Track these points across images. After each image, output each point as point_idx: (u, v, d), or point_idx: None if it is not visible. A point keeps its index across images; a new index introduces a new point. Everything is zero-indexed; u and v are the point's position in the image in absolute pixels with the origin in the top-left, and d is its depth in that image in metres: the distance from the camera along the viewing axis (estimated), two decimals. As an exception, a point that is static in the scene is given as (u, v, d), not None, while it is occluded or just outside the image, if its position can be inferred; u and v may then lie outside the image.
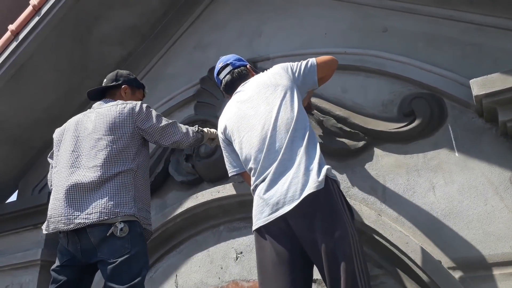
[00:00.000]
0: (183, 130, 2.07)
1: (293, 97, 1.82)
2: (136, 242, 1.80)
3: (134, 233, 1.80)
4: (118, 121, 1.96)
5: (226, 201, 2.49)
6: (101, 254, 1.77)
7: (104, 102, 2.12)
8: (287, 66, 1.94)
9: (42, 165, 3.44)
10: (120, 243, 1.76)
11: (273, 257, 1.62)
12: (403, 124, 2.14)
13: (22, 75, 3.04)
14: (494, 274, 1.80)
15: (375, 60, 2.34)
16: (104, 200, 1.79)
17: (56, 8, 2.87)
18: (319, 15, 2.66)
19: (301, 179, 1.61)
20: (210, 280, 2.44)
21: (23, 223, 3.06)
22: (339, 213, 1.58)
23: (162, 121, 2.03)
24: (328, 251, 1.51)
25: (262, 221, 1.67)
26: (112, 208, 1.78)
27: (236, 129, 1.89)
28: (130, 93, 2.22)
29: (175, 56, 3.17)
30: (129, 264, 1.75)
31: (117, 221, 1.77)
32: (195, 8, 3.18)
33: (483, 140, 2.00)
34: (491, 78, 1.88)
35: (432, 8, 2.32)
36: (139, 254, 1.79)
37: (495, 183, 1.91)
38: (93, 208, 1.78)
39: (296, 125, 1.73)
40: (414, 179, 2.08)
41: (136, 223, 1.84)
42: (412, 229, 2.00)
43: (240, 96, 1.97)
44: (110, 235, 1.75)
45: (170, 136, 2.02)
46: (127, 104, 2.02)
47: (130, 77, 2.26)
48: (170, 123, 2.05)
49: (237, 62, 2.11)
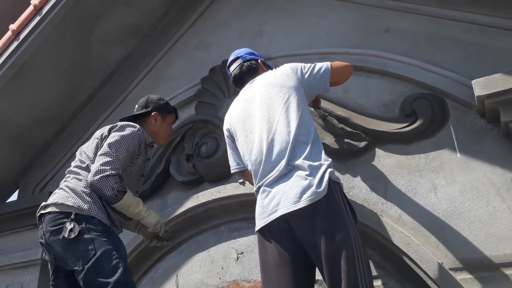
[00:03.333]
0: (104, 181, 1.81)
1: (298, 100, 1.79)
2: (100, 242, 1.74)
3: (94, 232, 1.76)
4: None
5: (227, 201, 2.48)
6: (69, 262, 1.75)
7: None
8: (297, 67, 1.90)
9: (43, 164, 3.45)
10: (83, 248, 1.72)
11: (276, 258, 1.62)
12: (404, 124, 2.14)
13: (23, 75, 3.03)
14: (496, 275, 1.79)
15: (376, 60, 2.34)
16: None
17: (57, 7, 2.87)
18: (320, 15, 2.65)
19: (304, 183, 1.59)
20: (211, 280, 2.43)
21: (24, 223, 3.05)
22: (341, 216, 1.57)
23: (107, 155, 1.87)
24: (329, 254, 1.51)
25: (263, 221, 1.67)
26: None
27: (240, 128, 1.89)
28: (160, 120, 2.19)
29: (176, 56, 3.17)
30: (100, 266, 1.70)
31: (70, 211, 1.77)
32: (196, 7, 3.18)
33: (485, 140, 1.99)
34: (493, 78, 1.88)
35: (434, 8, 2.32)
36: (107, 253, 1.73)
37: (497, 184, 1.90)
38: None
39: (299, 130, 1.71)
40: (416, 180, 2.07)
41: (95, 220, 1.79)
42: (414, 230, 1.99)
43: (246, 94, 1.95)
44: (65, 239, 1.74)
45: (95, 165, 1.88)
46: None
47: (160, 102, 2.22)
48: (107, 162, 1.84)
49: (248, 56, 2.10)
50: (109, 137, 1.95)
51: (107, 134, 1.99)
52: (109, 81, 3.35)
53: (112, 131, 1.99)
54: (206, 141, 2.66)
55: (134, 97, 3.04)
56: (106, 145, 1.90)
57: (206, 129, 2.72)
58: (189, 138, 2.72)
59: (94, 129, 3.30)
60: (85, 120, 3.37)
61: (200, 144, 2.67)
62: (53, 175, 3.37)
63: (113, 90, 3.33)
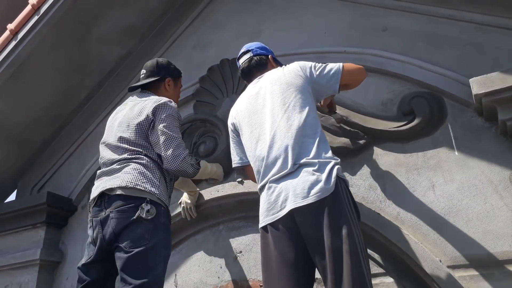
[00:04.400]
0: (181, 154, 1.93)
1: (304, 99, 1.78)
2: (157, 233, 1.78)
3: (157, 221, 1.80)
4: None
5: (226, 200, 2.48)
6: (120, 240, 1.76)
7: (142, 94, 2.13)
8: (306, 66, 1.88)
9: (41, 164, 3.44)
10: (140, 232, 1.75)
11: (277, 256, 1.61)
12: (402, 123, 2.15)
13: (21, 75, 3.03)
14: (494, 273, 1.80)
15: (374, 59, 2.35)
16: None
17: (55, 7, 2.86)
18: (318, 14, 2.66)
19: (311, 178, 1.59)
20: (210, 279, 2.43)
21: (22, 223, 3.05)
22: (346, 213, 1.58)
23: (175, 131, 1.96)
24: (334, 249, 1.50)
25: (270, 218, 1.66)
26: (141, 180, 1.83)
27: (245, 124, 1.88)
28: (173, 85, 2.21)
29: (174, 55, 3.17)
30: (145, 257, 1.72)
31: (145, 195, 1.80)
32: (194, 7, 3.18)
33: (483, 139, 2.00)
34: (490, 77, 1.89)
35: (431, 7, 2.32)
36: (157, 247, 1.77)
37: (494, 182, 1.91)
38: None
39: (304, 130, 1.70)
40: (414, 178, 2.08)
41: (162, 209, 1.85)
42: (412, 228, 2.00)
43: (253, 90, 1.94)
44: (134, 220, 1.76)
45: (165, 148, 1.93)
46: (154, 98, 2.04)
47: (171, 67, 2.22)
48: (178, 141, 1.95)
49: (259, 50, 2.09)
50: (161, 120, 1.96)
51: (151, 117, 1.97)
52: (107, 81, 3.35)
53: (158, 114, 1.98)
54: (204, 140, 2.67)
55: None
56: (165, 129, 1.94)
57: (204, 128, 2.73)
58: (187, 137, 2.72)
59: (93, 129, 3.30)
60: (83, 120, 3.37)
61: (199, 144, 2.68)
62: (52, 174, 3.36)
63: (111, 90, 3.32)
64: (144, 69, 2.21)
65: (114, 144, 1.98)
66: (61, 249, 3.04)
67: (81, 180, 3.15)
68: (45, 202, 2.96)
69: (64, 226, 3.11)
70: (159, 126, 1.95)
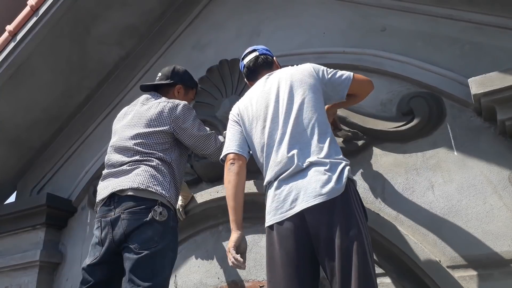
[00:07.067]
0: (217, 144, 2.06)
1: (317, 98, 1.79)
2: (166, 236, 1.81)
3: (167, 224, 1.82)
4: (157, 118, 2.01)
5: (225, 201, 2.47)
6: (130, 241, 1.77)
7: (153, 97, 2.14)
8: (319, 68, 1.89)
9: (41, 166, 3.44)
10: (151, 234, 1.77)
11: (283, 256, 1.61)
12: (401, 123, 2.15)
13: (20, 76, 3.03)
14: (493, 273, 1.80)
15: (373, 59, 2.35)
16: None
17: (54, 8, 2.86)
18: (317, 14, 2.66)
19: (323, 177, 1.60)
20: (210, 280, 2.43)
21: (22, 224, 3.05)
22: (354, 213, 1.58)
23: (200, 129, 2.04)
24: (343, 249, 1.51)
25: (279, 216, 1.65)
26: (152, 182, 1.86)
27: (255, 118, 1.85)
28: (183, 93, 2.23)
29: (173, 56, 3.17)
30: (153, 259, 1.74)
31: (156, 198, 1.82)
32: (193, 7, 3.18)
33: (482, 139, 2.00)
34: (489, 77, 1.88)
35: (430, 7, 2.32)
36: (164, 250, 1.79)
37: (493, 182, 1.91)
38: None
39: (315, 128, 1.71)
40: (413, 178, 2.08)
41: (171, 213, 1.87)
42: (411, 228, 2.00)
43: (265, 86, 1.91)
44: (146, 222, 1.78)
45: (203, 148, 2.06)
46: (168, 103, 2.05)
47: (185, 76, 2.25)
48: (207, 134, 2.06)
49: (264, 50, 2.11)
50: (184, 121, 2.02)
51: (172, 124, 2.01)
52: (106, 82, 3.35)
53: (179, 115, 2.02)
54: (204, 141, 2.66)
55: (132, 98, 3.02)
56: (192, 130, 2.02)
57: (203, 129, 2.72)
58: (187, 138, 2.72)
59: (92, 130, 3.30)
60: (82, 121, 3.37)
61: (198, 144, 2.67)
62: (51, 176, 3.36)
63: (110, 91, 3.32)
64: (161, 72, 2.26)
65: (124, 146, 1.99)
66: (61, 250, 3.04)
67: (81, 181, 3.15)
68: (45, 204, 2.96)
69: (63, 227, 3.11)
70: (177, 124, 2.01)
